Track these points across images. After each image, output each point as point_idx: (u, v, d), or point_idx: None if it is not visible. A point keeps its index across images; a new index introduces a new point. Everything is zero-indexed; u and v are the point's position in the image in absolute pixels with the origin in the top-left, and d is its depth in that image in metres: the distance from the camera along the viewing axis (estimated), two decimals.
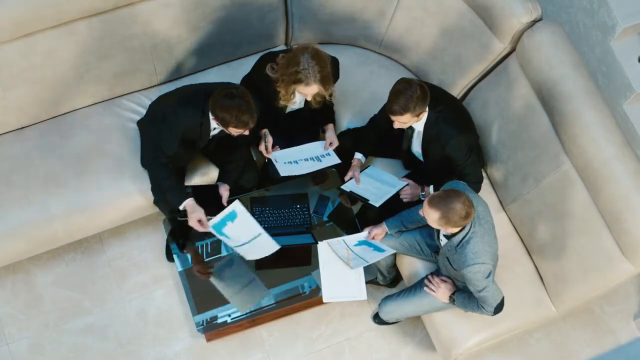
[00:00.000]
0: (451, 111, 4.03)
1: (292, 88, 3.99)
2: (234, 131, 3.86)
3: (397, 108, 3.81)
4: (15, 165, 4.21)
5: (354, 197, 4.26)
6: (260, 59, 4.18)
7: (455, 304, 3.90)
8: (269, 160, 4.29)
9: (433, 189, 4.15)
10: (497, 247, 3.75)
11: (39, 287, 4.50)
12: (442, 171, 4.12)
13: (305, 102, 4.22)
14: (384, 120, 4.10)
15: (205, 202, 4.09)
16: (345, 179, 4.28)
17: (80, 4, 3.92)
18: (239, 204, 4.00)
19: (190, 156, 4.20)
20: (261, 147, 4.25)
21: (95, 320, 4.46)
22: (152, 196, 4.26)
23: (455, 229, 3.61)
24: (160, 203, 4.27)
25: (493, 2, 4.09)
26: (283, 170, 4.21)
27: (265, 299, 4.13)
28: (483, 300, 3.75)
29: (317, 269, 4.11)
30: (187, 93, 4.02)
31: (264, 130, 4.25)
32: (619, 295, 4.70)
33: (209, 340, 4.42)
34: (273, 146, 4.28)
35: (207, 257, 4.17)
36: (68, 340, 4.40)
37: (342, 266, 4.09)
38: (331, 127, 4.35)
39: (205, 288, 4.12)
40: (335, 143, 4.32)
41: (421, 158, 4.24)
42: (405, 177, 4.33)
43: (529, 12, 4.04)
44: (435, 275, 3.98)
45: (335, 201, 4.30)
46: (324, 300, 4.07)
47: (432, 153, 4.10)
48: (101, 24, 4.06)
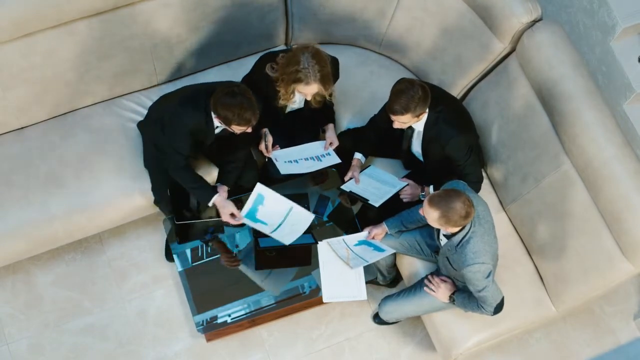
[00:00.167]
0: (451, 111, 4.03)
1: (292, 87, 3.99)
2: (237, 129, 3.86)
3: (398, 108, 3.81)
4: (15, 165, 4.21)
5: (353, 197, 4.26)
6: (260, 59, 4.18)
7: (455, 303, 3.90)
8: (269, 160, 4.29)
9: (433, 189, 4.15)
10: (497, 246, 3.75)
11: (39, 287, 4.50)
12: (442, 171, 4.12)
13: (305, 102, 4.22)
14: (384, 120, 4.10)
15: (187, 206, 4.15)
16: (345, 179, 4.27)
17: (80, 4, 3.92)
18: (261, 185, 4.05)
19: (196, 156, 4.19)
20: (261, 146, 4.25)
21: (95, 320, 4.46)
22: (152, 196, 4.26)
23: (455, 229, 3.61)
24: (161, 203, 4.28)
25: (493, 2, 4.09)
26: (283, 169, 4.22)
27: (265, 299, 4.13)
28: (483, 300, 3.75)
29: (317, 269, 4.11)
30: (187, 94, 4.01)
31: (264, 130, 4.25)
32: (619, 295, 4.70)
33: (209, 340, 4.42)
34: (273, 145, 4.28)
35: (207, 257, 4.17)
36: (68, 340, 4.40)
37: (342, 266, 4.09)
38: (331, 127, 4.35)
39: (205, 288, 4.12)
40: (336, 143, 4.32)
41: (421, 158, 4.24)
42: (405, 177, 4.33)
43: (529, 12, 4.04)
44: (435, 275, 3.98)
45: (335, 201, 4.30)
46: (324, 300, 4.07)
47: (432, 153, 4.10)
48: (101, 24, 4.06)
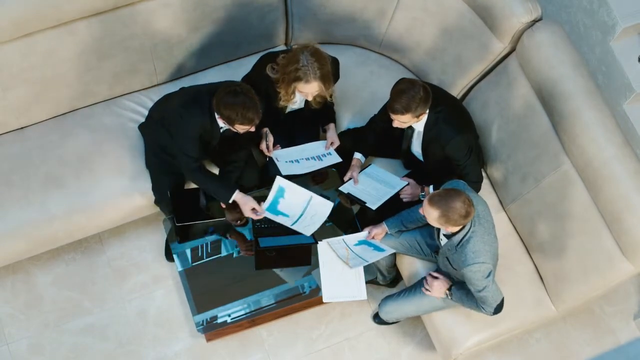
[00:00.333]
0: (451, 111, 4.03)
1: (293, 87, 3.99)
2: (240, 128, 3.85)
3: (398, 107, 3.81)
4: (15, 165, 4.21)
5: (351, 198, 4.26)
6: (260, 59, 4.18)
7: (452, 299, 3.90)
8: (269, 160, 4.28)
9: (433, 189, 4.14)
10: (497, 246, 3.75)
11: (39, 287, 4.50)
12: (442, 171, 4.12)
13: (305, 102, 4.22)
14: (384, 120, 4.09)
15: (187, 207, 4.15)
16: (345, 179, 4.27)
17: (80, 4, 3.92)
18: (281, 178, 4.10)
19: (202, 156, 4.17)
20: (262, 145, 4.25)
21: (95, 320, 4.45)
22: (152, 196, 4.26)
23: (455, 228, 3.61)
24: (162, 203, 4.28)
25: (493, 2, 4.09)
26: (284, 169, 4.21)
27: (265, 299, 4.13)
28: (483, 301, 3.75)
29: (317, 268, 4.11)
30: (189, 96, 3.99)
31: (265, 129, 4.24)
32: (619, 295, 4.70)
33: (209, 340, 4.42)
34: (274, 145, 4.27)
35: (207, 257, 4.17)
36: (68, 340, 4.40)
37: (342, 266, 4.09)
38: (332, 126, 4.35)
39: (205, 288, 4.11)
40: (337, 142, 4.32)
41: (421, 158, 4.24)
42: (405, 177, 4.33)
43: (529, 12, 4.04)
44: (429, 274, 3.97)
45: (335, 201, 4.30)
46: (324, 300, 4.07)
47: (432, 153, 4.10)
48: (101, 24, 4.06)
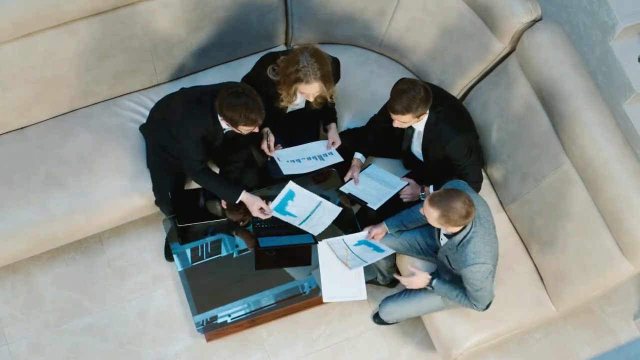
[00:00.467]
0: (451, 111, 4.02)
1: (294, 88, 3.98)
2: (244, 129, 3.84)
3: (399, 107, 3.81)
4: (15, 165, 4.21)
5: (352, 199, 4.26)
6: (260, 60, 4.17)
7: (434, 290, 3.90)
8: (270, 160, 4.28)
9: (433, 189, 4.15)
10: (498, 246, 3.75)
11: (39, 287, 4.50)
12: (442, 171, 4.12)
13: (306, 102, 4.22)
14: (384, 120, 4.09)
15: (188, 208, 4.15)
16: (345, 179, 4.27)
17: (80, 4, 3.92)
18: (293, 182, 4.13)
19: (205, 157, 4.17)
20: (263, 145, 4.24)
21: (95, 320, 4.45)
22: (152, 196, 4.26)
23: (455, 229, 3.61)
24: (162, 204, 4.28)
25: (493, 2, 4.09)
26: (286, 169, 4.21)
27: (265, 299, 4.13)
28: (477, 299, 3.75)
29: (317, 268, 4.11)
30: (191, 98, 3.97)
31: (266, 129, 4.24)
32: (619, 295, 4.70)
33: (209, 340, 4.42)
34: (275, 145, 4.27)
35: (207, 257, 4.17)
36: (68, 340, 4.40)
37: (342, 266, 4.09)
38: (333, 126, 4.35)
39: (205, 288, 4.11)
40: (338, 142, 4.31)
41: (421, 158, 4.24)
42: (405, 177, 4.32)
43: (529, 12, 4.04)
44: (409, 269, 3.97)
45: (335, 201, 4.30)
46: (324, 300, 4.07)
47: (432, 153, 4.10)
48: (101, 24, 4.05)
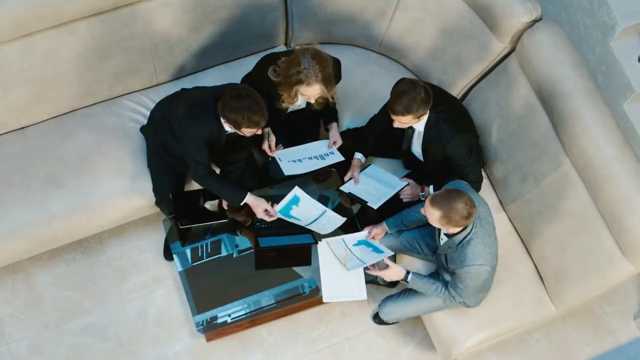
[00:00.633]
0: (451, 111, 4.02)
1: (295, 90, 3.97)
2: (247, 132, 3.84)
3: (399, 108, 3.80)
4: (15, 165, 4.21)
5: (352, 198, 4.26)
6: (261, 60, 4.16)
7: (408, 283, 3.91)
8: (271, 159, 4.28)
9: (433, 189, 4.15)
10: (497, 247, 3.75)
11: (39, 287, 4.50)
12: (442, 171, 4.12)
13: (307, 102, 4.21)
14: (384, 120, 4.09)
15: (190, 209, 4.15)
16: (345, 179, 4.27)
17: (80, 4, 3.92)
18: (299, 188, 4.14)
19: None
20: (264, 145, 4.24)
21: (95, 320, 4.45)
22: (152, 196, 4.26)
23: (456, 229, 3.61)
24: (162, 204, 4.27)
25: (493, 2, 4.09)
26: (287, 169, 4.21)
27: (265, 299, 4.13)
28: (462, 295, 3.79)
29: (317, 268, 4.11)
30: (194, 101, 3.94)
31: (267, 129, 4.24)
32: (619, 295, 4.70)
33: (209, 340, 4.42)
34: (276, 145, 4.27)
35: (207, 257, 4.17)
36: (68, 340, 4.40)
37: (341, 266, 4.08)
38: (334, 125, 4.35)
39: (205, 288, 4.11)
40: (339, 142, 4.31)
41: (421, 158, 4.24)
42: (405, 177, 4.32)
43: (529, 12, 4.04)
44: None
45: (335, 201, 4.30)
46: (324, 300, 4.07)
47: (432, 153, 4.10)
48: (101, 24, 4.05)
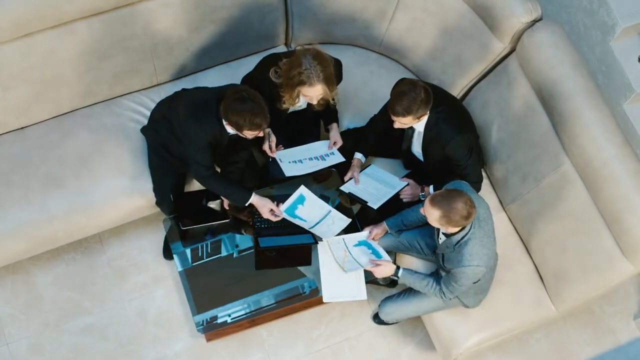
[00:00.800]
0: (451, 111, 4.02)
1: (297, 91, 3.96)
2: (249, 134, 3.84)
3: (399, 109, 3.80)
4: (15, 165, 4.21)
5: (352, 198, 4.26)
6: (262, 61, 4.15)
7: (399, 279, 3.92)
8: (272, 160, 4.28)
9: (433, 189, 4.15)
10: (495, 248, 3.75)
11: (39, 287, 4.50)
12: (442, 171, 4.12)
13: (308, 103, 4.21)
14: (384, 120, 4.09)
15: (191, 210, 4.15)
16: (345, 179, 4.27)
17: (80, 4, 3.92)
18: (304, 188, 4.14)
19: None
20: (265, 146, 4.24)
21: (95, 320, 4.45)
22: (152, 196, 4.26)
23: (455, 229, 3.61)
24: (163, 204, 4.27)
25: (493, 2, 4.09)
26: (288, 170, 4.20)
27: (265, 299, 4.13)
28: (453, 292, 3.79)
29: (318, 269, 4.11)
30: (195, 102, 3.93)
31: (267, 130, 4.23)
32: (619, 295, 4.70)
33: (209, 340, 4.42)
34: (276, 145, 4.27)
35: (207, 257, 4.17)
36: (68, 340, 4.40)
37: (340, 267, 4.09)
38: (335, 126, 4.35)
39: (205, 288, 4.11)
40: (340, 142, 4.31)
41: (421, 158, 4.24)
42: (405, 177, 4.33)
43: (529, 12, 4.04)
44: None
45: (335, 201, 4.30)
46: (324, 300, 4.07)
47: (433, 153, 4.10)
48: (101, 24, 4.06)
